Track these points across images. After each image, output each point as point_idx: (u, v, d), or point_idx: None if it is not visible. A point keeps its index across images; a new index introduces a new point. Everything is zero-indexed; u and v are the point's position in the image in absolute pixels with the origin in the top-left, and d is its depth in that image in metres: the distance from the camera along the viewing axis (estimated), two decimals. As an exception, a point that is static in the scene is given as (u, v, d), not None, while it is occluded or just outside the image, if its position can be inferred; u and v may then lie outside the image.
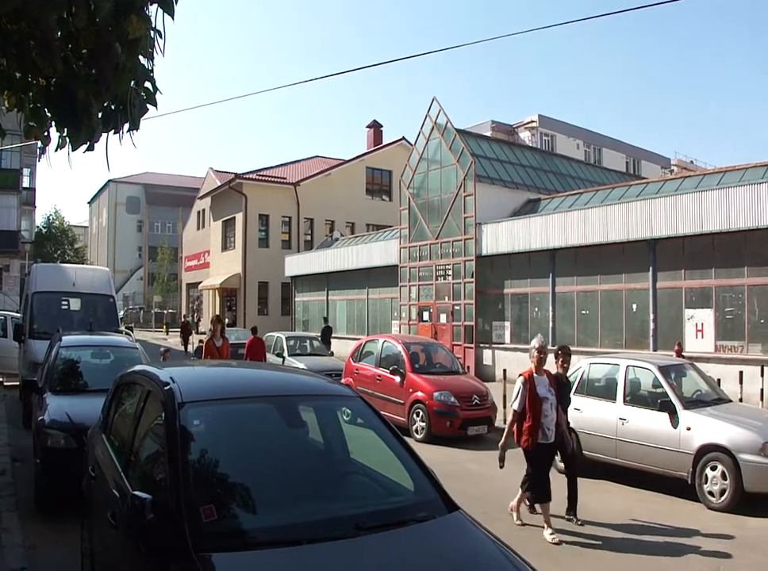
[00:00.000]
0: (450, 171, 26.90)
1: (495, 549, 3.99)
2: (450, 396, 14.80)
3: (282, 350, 22.40)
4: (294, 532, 3.76)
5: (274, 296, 43.12)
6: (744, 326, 18.29)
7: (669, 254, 19.97)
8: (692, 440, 10.39)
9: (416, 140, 29.27)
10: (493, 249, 25.07)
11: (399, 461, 4.73)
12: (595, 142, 55.31)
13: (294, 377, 6.17)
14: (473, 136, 29.31)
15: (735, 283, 18.51)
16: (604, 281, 21.69)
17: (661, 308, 20.15)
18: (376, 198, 46.93)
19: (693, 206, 19.13)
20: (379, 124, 51.41)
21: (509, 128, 51.95)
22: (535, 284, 24.01)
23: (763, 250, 17.95)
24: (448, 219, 26.76)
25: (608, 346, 21.04)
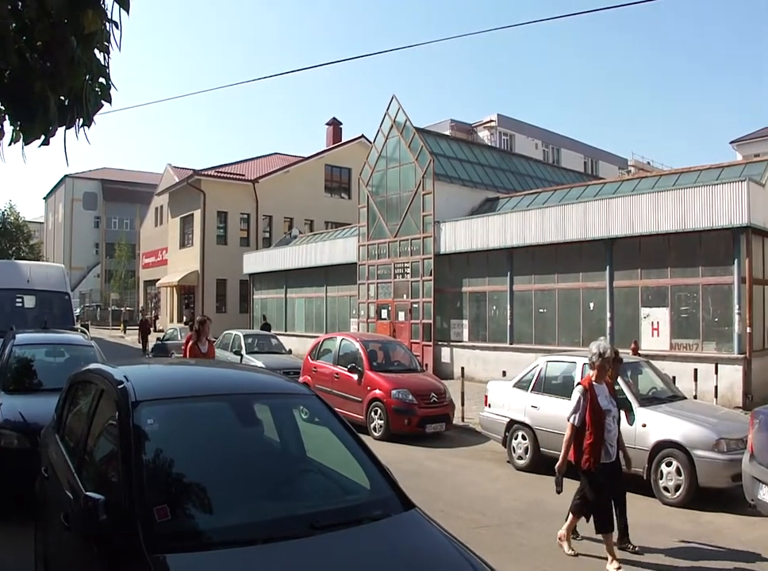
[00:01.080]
0: (409, 169, 26.92)
1: (450, 547, 4.00)
2: (408, 394, 14.80)
3: (240, 348, 22.29)
4: (249, 532, 3.75)
5: (233, 293, 42.90)
6: (699, 324, 18.52)
7: (626, 253, 20.15)
8: (647, 437, 10.49)
9: (375, 138, 29.24)
10: (452, 247, 25.15)
11: (355, 460, 4.74)
12: (554, 142, 55.69)
13: (250, 375, 6.12)
14: (432, 135, 29.35)
15: (690, 282, 18.73)
16: (562, 279, 21.85)
17: (617, 306, 20.34)
18: (335, 196, 46.87)
19: (649, 206, 19.33)
20: (339, 121, 51.37)
21: (468, 127, 52.13)
22: (493, 282, 24.12)
23: (718, 250, 18.20)
24: (407, 217, 26.79)
25: (565, 344, 21.19)
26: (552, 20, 18.07)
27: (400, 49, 20.03)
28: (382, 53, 47.20)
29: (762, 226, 18.32)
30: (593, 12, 12.72)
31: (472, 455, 13.61)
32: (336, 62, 30.49)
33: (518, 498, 10.38)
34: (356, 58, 19.95)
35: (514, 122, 52.78)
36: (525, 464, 12.23)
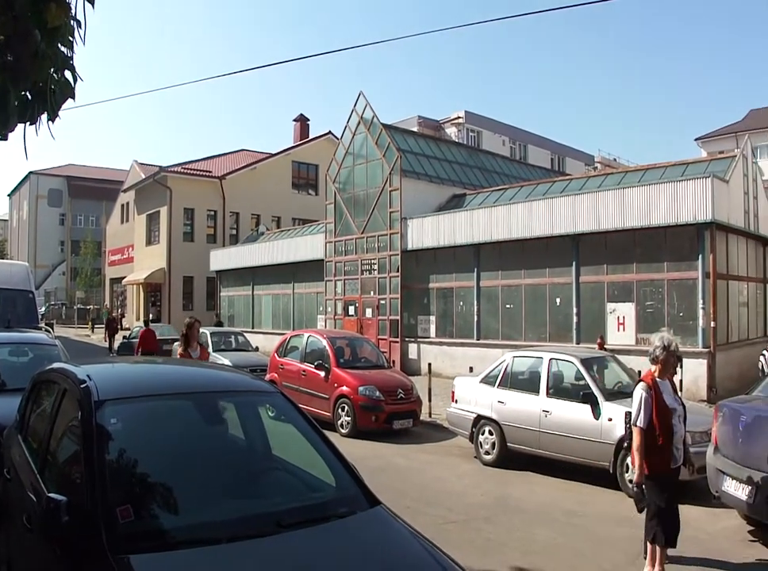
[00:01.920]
0: (376, 166, 26.90)
1: (416, 543, 4.00)
2: (375, 391, 14.81)
3: (207, 346, 22.15)
4: (214, 531, 3.71)
5: (200, 291, 42.62)
6: (664, 319, 18.66)
7: (591, 249, 20.29)
8: (613, 431, 10.54)
9: (342, 135, 29.19)
10: (419, 243, 25.17)
11: (320, 457, 4.73)
12: (521, 139, 55.91)
13: (214, 373, 6.07)
14: (399, 131, 29.34)
15: (656, 278, 18.89)
16: (529, 275, 21.94)
17: (584, 301, 20.46)
18: (302, 192, 46.68)
19: (615, 203, 19.47)
20: (306, 117, 51.21)
21: (436, 123, 52.22)
22: (460, 278, 24.16)
23: (682, 245, 18.38)
24: (374, 213, 26.78)
25: (532, 339, 21.30)
26: (520, 17, 18.13)
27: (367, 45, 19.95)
28: (350, 49, 47.04)
29: (725, 222, 18.53)
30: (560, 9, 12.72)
31: (439, 451, 13.64)
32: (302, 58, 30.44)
33: (485, 493, 10.41)
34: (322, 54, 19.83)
35: (481, 119, 52.92)
36: (492, 459, 12.26)
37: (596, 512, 9.40)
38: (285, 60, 38.49)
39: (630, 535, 8.36)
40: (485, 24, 36.09)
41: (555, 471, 11.46)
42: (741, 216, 20.06)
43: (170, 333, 29.93)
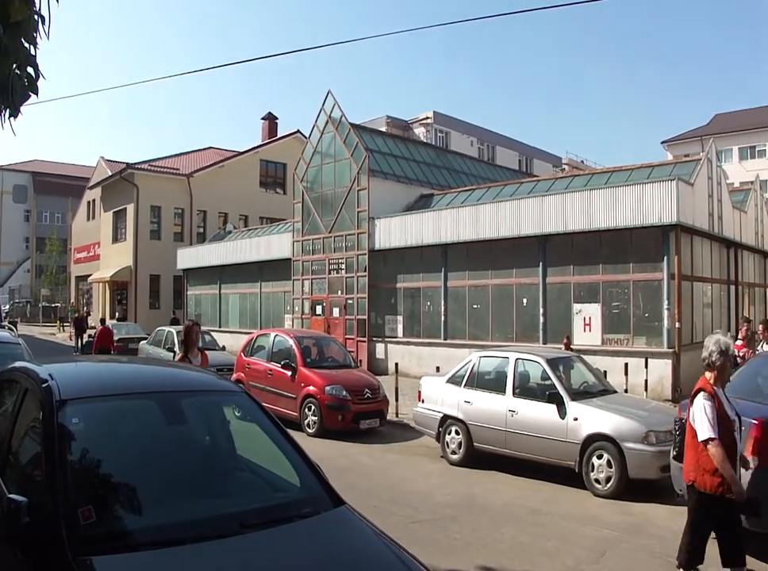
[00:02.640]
0: (344, 165, 26.86)
1: (380, 543, 3.99)
2: (342, 390, 14.79)
3: (173, 345, 22.02)
4: (177, 532, 3.68)
5: (166, 289, 42.31)
6: (630, 320, 18.84)
7: (558, 250, 20.40)
8: (579, 430, 10.65)
9: (310, 134, 29.09)
10: (386, 243, 25.18)
11: (285, 457, 4.71)
12: (489, 140, 56.16)
13: (178, 372, 6.02)
14: (367, 131, 29.34)
15: (621, 279, 19.03)
16: (496, 275, 22.02)
17: (550, 302, 20.57)
18: (270, 191, 46.52)
19: (581, 204, 19.60)
20: (274, 116, 51.00)
21: (404, 123, 52.32)
22: (428, 278, 24.20)
23: (648, 247, 18.55)
24: (341, 213, 26.74)
25: (499, 339, 21.37)
26: (490, 18, 18.25)
27: (336, 44, 19.73)
28: (318, 48, 46.95)
29: (690, 224, 18.72)
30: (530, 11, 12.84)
31: (406, 451, 13.64)
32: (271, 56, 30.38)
33: (452, 493, 10.43)
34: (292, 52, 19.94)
35: (450, 119, 53.12)
36: (459, 459, 12.30)
37: (561, 511, 9.45)
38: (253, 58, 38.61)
39: (594, 534, 8.45)
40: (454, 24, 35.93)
41: (521, 470, 11.51)
42: (705, 218, 20.25)
43: (136, 332, 29.76)
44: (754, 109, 71.24)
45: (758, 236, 26.21)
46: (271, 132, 49.73)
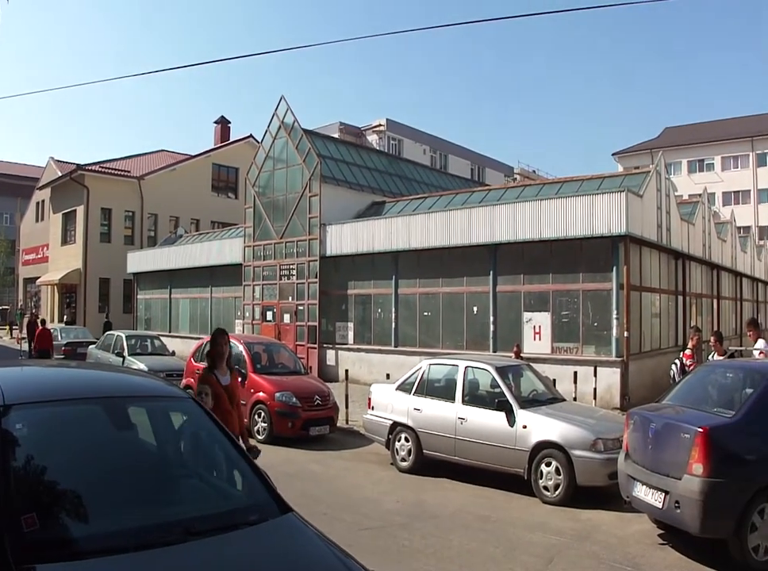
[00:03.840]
0: (296, 171, 26.80)
1: (327, 550, 3.96)
2: (291, 397, 14.73)
3: (122, 350, 21.82)
4: (122, 539, 3.60)
5: (116, 293, 41.83)
6: (579, 328, 19.01)
7: (509, 259, 20.53)
8: (528, 438, 10.72)
9: (262, 139, 29.02)
10: (338, 250, 25.15)
11: (232, 464, 4.67)
12: (442, 148, 56.44)
13: (125, 377, 5.93)
14: (320, 137, 29.31)
15: (571, 288, 19.20)
16: (446, 283, 22.10)
17: (500, 310, 20.68)
18: (222, 195, 46.30)
19: (532, 214, 19.74)
20: (227, 120, 50.81)
21: (357, 130, 52.42)
22: (379, 285, 24.22)
23: (597, 257, 18.73)
24: (293, 219, 26.67)
25: (449, 347, 21.44)
26: (444, 27, 18.36)
27: (289, 50, 19.81)
28: (271, 53, 46.98)
29: (639, 235, 18.93)
30: (482, 22, 12.93)
31: (356, 458, 13.62)
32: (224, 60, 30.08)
33: (401, 499, 10.42)
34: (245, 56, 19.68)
35: (403, 127, 53.32)
36: (408, 466, 12.30)
37: (509, 518, 9.50)
38: (205, 62, 38.09)
39: (542, 541, 8.50)
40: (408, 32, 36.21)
41: (471, 478, 11.54)
42: (654, 229, 20.50)
43: (85, 336, 29.40)
44: (703, 123, 72.70)
45: (705, 248, 26.59)
46: (224, 136, 49.53)
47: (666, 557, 8.05)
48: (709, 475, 7.36)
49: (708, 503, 7.33)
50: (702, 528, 7.51)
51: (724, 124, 70.24)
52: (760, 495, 7.41)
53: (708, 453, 7.42)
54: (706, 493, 7.33)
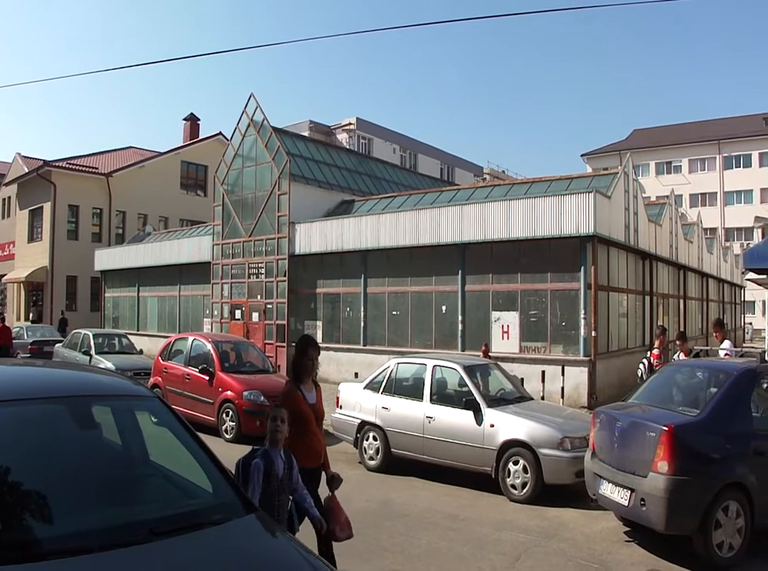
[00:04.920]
0: (265, 169, 26.72)
1: (291, 549, 3.96)
2: (260, 395, 14.69)
3: (89, 348, 21.66)
4: (85, 540, 3.58)
5: (83, 291, 41.41)
6: (547, 328, 19.08)
7: (477, 258, 20.57)
8: (495, 436, 10.77)
9: (232, 136, 28.88)
10: (306, 248, 25.11)
11: (197, 463, 4.63)
12: (412, 148, 56.47)
13: (89, 376, 5.85)
14: (289, 135, 29.25)
15: (539, 288, 19.27)
16: (415, 283, 22.10)
17: (469, 310, 20.72)
18: (191, 193, 46.01)
19: (501, 214, 19.78)
20: (196, 117, 50.39)
21: (327, 129, 52.33)
22: (348, 284, 24.20)
23: (565, 257, 18.80)
24: (262, 217, 26.59)
25: (418, 346, 21.44)
26: (413, 27, 18.39)
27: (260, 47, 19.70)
28: (241, 50, 46.71)
29: (607, 235, 19.03)
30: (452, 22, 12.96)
31: (324, 457, 13.56)
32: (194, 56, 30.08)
33: (369, 498, 10.41)
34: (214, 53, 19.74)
35: (373, 126, 53.29)
36: (376, 465, 12.31)
37: (477, 516, 9.53)
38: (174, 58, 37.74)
39: (510, 539, 8.54)
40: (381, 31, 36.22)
41: (439, 476, 11.57)
42: (622, 230, 20.63)
43: (51, 334, 29.11)
44: (671, 125, 73.34)
45: (672, 249, 26.81)
46: (193, 134, 49.18)
47: (632, 554, 8.12)
48: (674, 473, 7.44)
49: (673, 500, 7.41)
50: (667, 525, 7.59)
51: (692, 127, 71.02)
52: (724, 492, 7.51)
53: (673, 451, 7.49)
54: (671, 491, 7.41)
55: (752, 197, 66.23)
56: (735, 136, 66.54)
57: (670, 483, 7.42)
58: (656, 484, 7.53)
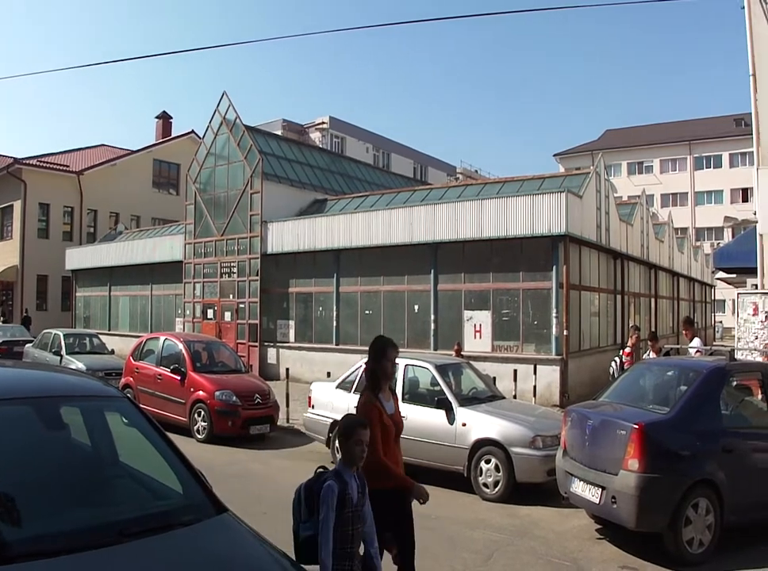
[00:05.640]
0: (237, 168, 26.63)
1: (262, 550, 3.94)
2: (232, 395, 14.63)
3: (60, 348, 21.52)
4: (54, 542, 3.54)
5: (54, 290, 41.09)
6: (519, 327, 19.15)
7: (450, 257, 20.61)
8: (467, 435, 10.80)
9: (204, 134, 28.76)
10: (279, 248, 25.05)
11: (167, 464, 4.60)
12: (385, 147, 56.50)
13: (58, 376, 5.75)
14: (262, 134, 29.21)
15: (511, 287, 19.33)
16: (388, 282, 22.11)
17: (441, 309, 20.75)
18: (163, 192, 45.76)
19: (473, 213, 19.83)
20: (169, 115, 50.21)
21: (300, 127, 52.25)
22: (320, 283, 24.16)
23: (537, 256, 18.88)
24: (234, 216, 26.50)
25: (390, 345, 21.38)
26: (389, 26, 18.38)
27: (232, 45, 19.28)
28: (213, 48, 46.51)
29: (578, 235, 19.14)
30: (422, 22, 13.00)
31: (296, 456, 13.56)
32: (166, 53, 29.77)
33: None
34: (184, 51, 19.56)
35: (346, 125, 53.27)
36: (349, 464, 12.25)
37: (450, 515, 9.53)
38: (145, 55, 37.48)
39: (482, 537, 8.56)
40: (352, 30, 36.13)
41: (411, 475, 11.48)
42: (593, 229, 20.74)
43: (21, 334, 28.87)
44: (643, 126, 73.87)
45: (643, 248, 26.98)
46: (165, 132, 48.96)
47: (604, 552, 8.16)
48: (644, 470, 7.49)
49: (643, 498, 7.46)
50: (638, 522, 7.64)
51: (663, 128, 71.58)
52: (694, 489, 7.57)
53: (644, 449, 7.54)
54: (641, 488, 7.46)
55: (722, 197, 66.83)
56: (706, 137, 67.14)
57: (641, 481, 7.48)
58: (627, 481, 7.57)
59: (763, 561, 7.68)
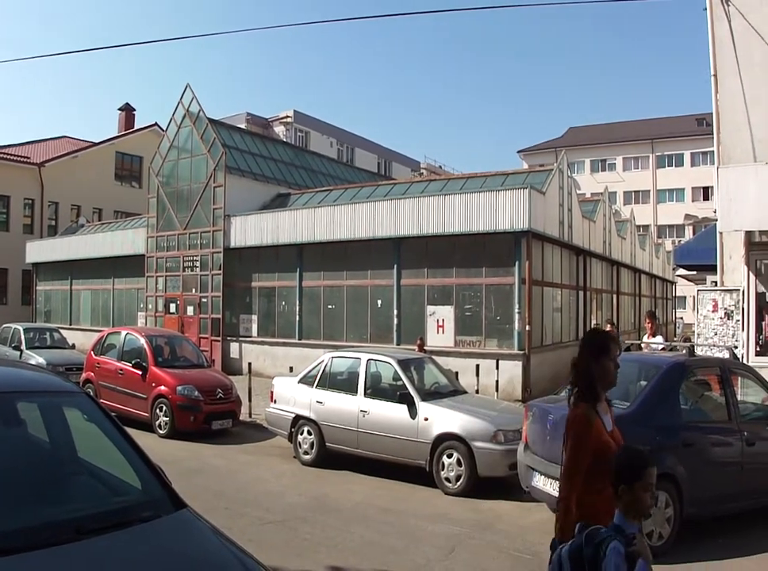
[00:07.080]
0: (200, 161, 26.48)
1: (220, 545, 3.92)
2: (193, 390, 14.56)
3: (20, 343, 21.26)
4: (9, 540, 3.49)
5: (14, 284, 40.55)
6: (482, 322, 19.24)
7: (413, 252, 20.67)
8: (429, 430, 10.82)
9: (167, 127, 28.56)
10: (242, 242, 24.97)
11: (126, 460, 4.55)
12: (349, 141, 56.45)
13: (15, 372, 5.66)
14: (225, 127, 29.03)
15: (474, 282, 19.42)
16: (351, 276, 22.12)
17: (404, 304, 20.80)
18: (126, 184, 45.32)
19: (437, 208, 19.90)
20: (132, 107, 49.65)
21: (264, 121, 52.08)
22: (283, 278, 24.11)
23: (500, 252, 18.98)
24: (197, 209, 26.36)
25: (353, 340, 21.45)
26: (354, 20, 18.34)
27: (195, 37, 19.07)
28: (176, 40, 46.22)
29: (541, 231, 19.25)
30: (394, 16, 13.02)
31: (258, 451, 13.53)
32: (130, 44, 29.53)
33: (303, 493, 10.38)
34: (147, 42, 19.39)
35: (310, 119, 53.13)
36: (311, 459, 12.27)
37: (411, 509, 9.55)
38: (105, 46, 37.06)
39: (444, 531, 8.58)
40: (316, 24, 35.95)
41: (374, 470, 11.57)
42: (556, 226, 20.87)
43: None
44: (606, 124, 74.38)
45: (605, 245, 27.19)
46: (128, 124, 48.45)
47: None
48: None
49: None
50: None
51: (626, 127, 72.14)
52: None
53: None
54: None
55: (684, 195, 67.42)
56: (668, 135, 67.67)
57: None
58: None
59: (722, 553, 7.79)
